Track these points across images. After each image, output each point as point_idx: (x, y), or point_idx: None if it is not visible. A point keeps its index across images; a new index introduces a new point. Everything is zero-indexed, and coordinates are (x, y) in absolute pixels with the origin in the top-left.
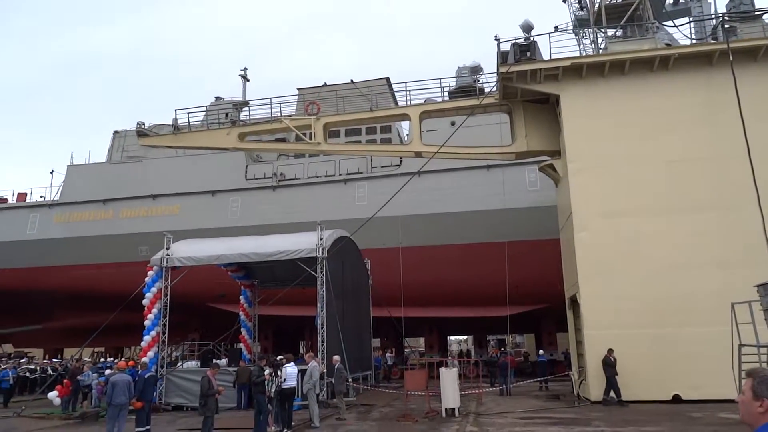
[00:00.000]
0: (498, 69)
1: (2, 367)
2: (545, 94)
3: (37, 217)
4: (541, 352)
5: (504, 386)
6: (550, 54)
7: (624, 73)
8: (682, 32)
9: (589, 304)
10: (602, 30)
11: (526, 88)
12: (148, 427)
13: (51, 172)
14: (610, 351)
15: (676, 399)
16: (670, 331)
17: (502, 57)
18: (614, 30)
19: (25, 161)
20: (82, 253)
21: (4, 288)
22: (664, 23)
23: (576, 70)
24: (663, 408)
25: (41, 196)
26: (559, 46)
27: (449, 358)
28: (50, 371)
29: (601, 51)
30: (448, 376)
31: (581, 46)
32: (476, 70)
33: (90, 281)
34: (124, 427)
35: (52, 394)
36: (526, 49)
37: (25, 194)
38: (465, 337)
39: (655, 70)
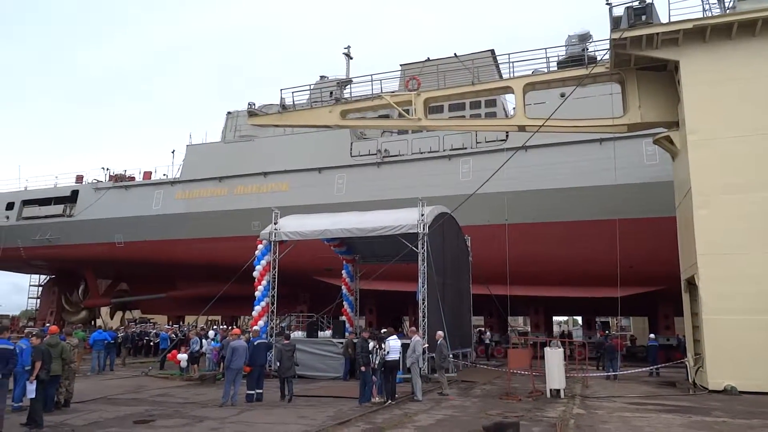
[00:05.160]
0: (610, 35)
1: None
2: (662, 61)
3: (161, 194)
4: (652, 336)
5: (611, 370)
6: (669, 17)
7: (755, 35)
8: None
9: (708, 287)
10: None
11: (641, 55)
12: (260, 391)
13: (172, 152)
14: None
15: None
16: None
17: (615, 22)
18: None
19: (150, 142)
20: (200, 227)
21: (133, 259)
22: None
23: (698, 33)
24: None
25: (164, 174)
26: (679, 8)
27: (554, 338)
28: (173, 336)
29: (728, 11)
30: (554, 356)
31: (706, 6)
32: (585, 37)
33: (208, 254)
34: (239, 389)
35: (182, 356)
36: (641, 12)
37: (150, 173)
38: (565, 318)
39: None
